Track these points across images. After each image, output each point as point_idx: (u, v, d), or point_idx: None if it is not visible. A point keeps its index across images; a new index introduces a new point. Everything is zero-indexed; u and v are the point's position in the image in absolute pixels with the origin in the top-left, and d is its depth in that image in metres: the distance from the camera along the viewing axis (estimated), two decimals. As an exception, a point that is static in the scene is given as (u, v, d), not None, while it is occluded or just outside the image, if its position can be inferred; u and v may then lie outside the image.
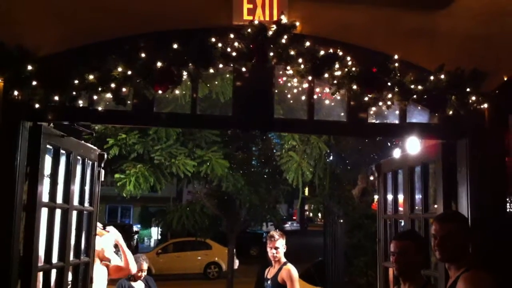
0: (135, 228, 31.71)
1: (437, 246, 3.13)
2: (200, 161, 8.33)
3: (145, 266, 6.54)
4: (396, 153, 5.34)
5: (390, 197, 4.91)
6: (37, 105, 3.51)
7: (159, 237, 29.04)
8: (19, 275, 3.51)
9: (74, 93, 3.56)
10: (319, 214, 10.09)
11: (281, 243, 6.04)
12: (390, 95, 3.75)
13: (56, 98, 3.54)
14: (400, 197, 4.70)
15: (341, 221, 8.83)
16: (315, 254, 13.74)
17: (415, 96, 3.76)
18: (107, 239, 5.67)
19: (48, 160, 3.91)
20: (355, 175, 9.22)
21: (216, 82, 5.13)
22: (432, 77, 3.82)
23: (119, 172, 8.35)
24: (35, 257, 3.62)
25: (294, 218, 46.05)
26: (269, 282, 6.10)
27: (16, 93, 3.48)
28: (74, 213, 4.29)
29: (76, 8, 3.64)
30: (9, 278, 3.42)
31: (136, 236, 29.39)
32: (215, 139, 8.61)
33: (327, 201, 9.52)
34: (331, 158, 9.16)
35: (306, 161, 8.02)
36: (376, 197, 7.98)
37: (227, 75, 4.17)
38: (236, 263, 16.91)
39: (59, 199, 4.04)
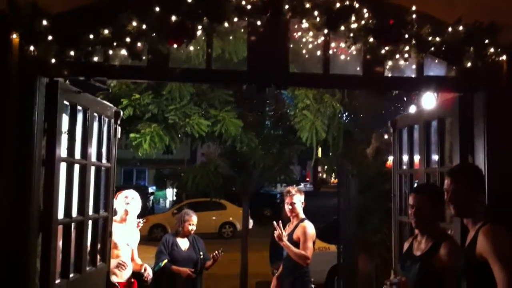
0: (150, 189, 32.15)
1: (449, 200, 3.14)
2: (214, 120, 8.33)
3: (194, 219, 6.31)
4: (412, 109, 5.30)
5: (405, 152, 4.90)
6: (53, 61, 3.52)
7: (174, 198, 29.41)
8: (39, 229, 3.59)
9: (89, 48, 3.57)
10: (333, 174, 10.05)
11: (298, 199, 5.96)
12: (407, 48, 3.71)
13: (72, 53, 3.55)
14: (416, 152, 4.69)
15: (355, 180, 8.82)
16: (328, 215, 13.83)
17: (432, 48, 3.72)
18: (135, 201, 5.68)
19: (65, 117, 3.95)
20: (369, 134, 9.18)
21: (230, 38, 5.10)
22: (449, 29, 3.76)
23: (134, 132, 8.39)
24: (55, 211, 3.69)
25: (307, 179, 46.30)
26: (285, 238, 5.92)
27: (31, 48, 3.49)
28: (92, 169, 4.35)
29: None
30: (30, 231, 3.50)
31: (151, 198, 29.81)
32: (229, 99, 8.59)
33: (340, 160, 9.49)
34: (344, 117, 9.12)
35: (320, 120, 7.99)
36: (390, 157, 7.96)
37: (241, 33, 4.13)
38: (251, 223, 17.13)
39: (77, 155, 4.09)
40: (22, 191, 3.48)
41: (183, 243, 6.27)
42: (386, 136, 8.67)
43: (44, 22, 3.44)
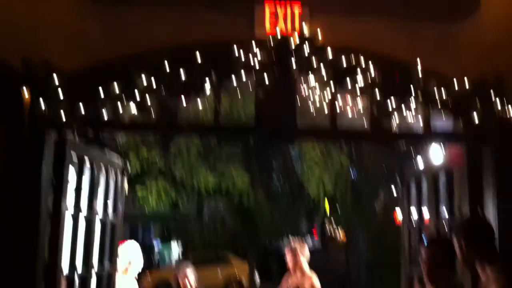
0: (156, 247, 31.80)
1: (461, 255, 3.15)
2: (221, 175, 8.38)
3: (189, 273, 5.76)
4: (419, 161, 5.29)
5: (413, 205, 4.87)
6: (63, 116, 3.58)
7: (180, 253, 29.03)
8: (44, 280, 3.57)
9: (99, 104, 3.63)
10: (340, 231, 9.96)
11: (300, 250, 5.90)
12: (413, 102, 3.75)
13: (82, 110, 3.62)
14: (424, 205, 4.66)
15: (364, 235, 8.73)
16: (338, 271, 13.61)
17: (439, 103, 3.76)
18: (135, 253, 5.62)
19: (72, 170, 3.97)
20: (377, 189, 9.16)
21: (238, 96, 5.19)
22: (455, 84, 3.81)
23: (141, 187, 8.43)
24: (59, 263, 3.67)
25: (315, 236, 45.60)
26: None
27: (42, 105, 3.56)
28: (98, 222, 4.33)
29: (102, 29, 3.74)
30: (35, 282, 3.48)
31: (157, 253, 29.44)
32: (236, 151, 8.67)
33: (349, 215, 9.43)
34: (352, 173, 9.13)
35: (328, 175, 8.00)
36: (399, 212, 7.90)
37: (248, 91, 4.21)
38: (257, 280, 16.82)
39: (84, 208, 4.09)
40: (28, 243, 3.48)
41: None
42: (394, 191, 8.64)
43: (56, 79, 3.51)
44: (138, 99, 3.61)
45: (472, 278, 3.66)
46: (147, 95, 3.64)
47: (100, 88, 3.62)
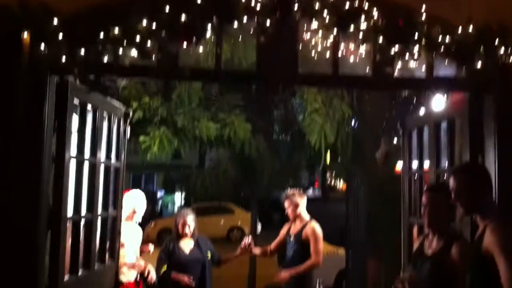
0: (159, 194, 32.22)
1: (455, 198, 3.15)
2: (223, 124, 8.37)
3: (189, 220, 5.91)
4: (421, 111, 5.28)
5: (414, 154, 4.89)
6: (63, 59, 3.55)
7: (183, 202, 29.44)
8: (48, 225, 3.61)
9: (99, 47, 3.60)
10: (341, 180, 10.00)
11: (297, 200, 6.00)
12: (416, 48, 3.71)
13: (82, 52, 3.59)
14: (425, 154, 4.68)
15: (364, 185, 8.78)
16: (338, 219, 13.82)
17: (442, 49, 3.72)
18: (141, 199, 5.71)
19: (75, 116, 3.98)
20: (378, 138, 9.15)
21: (239, 42, 5.12)
22: (459, 30, 3.76)
23: (143, 135, 8.43)
24: (64, 208, 3.72)
25: (316, 185, 46.14)
26: (291, 238, 6.00)
27: (42, 48, 3.53)
28: (102, 167, 4.38)
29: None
30: (39, 228, 3.51)
31: (160, 202, 29.87)
32: (238, 102, 8.63)
33: (349, 165, 9.47)
34: (353, 122, 9.10)
35: (329, 124, 7.98)
36: (399, 162, 7.93)
37: (250, 37, 4.15)
38: (259, 227, 17.12)
39: (87, 153, 4.12)
40: (32, 188, 3.50)
41: (187, 245, 5.98)
42: (395, 140, 8.64)
43: (55, 21, 3.47)
44: (138, 42, 3.57)
45: (471, 226, 3.72)
46: (147, 39, 3.59)
47: (100, 31, 3.57)
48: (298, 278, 5.84)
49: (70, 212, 3.88)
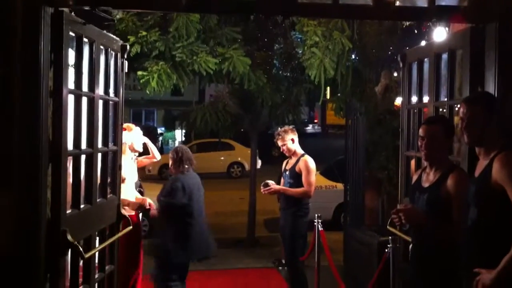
0: (160, 130, 32.37)
1: (465, 128, 3.11)
2: (221, 58, 8.27)
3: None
4: (422, 43, 5.23)
5: (414, 87, 4.86)
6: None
7: (183, 138, 29.61)
8: (49, 159, 3.62)
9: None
10: (341, 114, 9.99)
11: (288, 137, 6.26)
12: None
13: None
14: (425, 87, 4.65)
15: (363, 119, 8.80)
16: (336, 154, 13.93)
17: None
18: (136, 133, 5.86)
19: (71, 51, 3.91)
20: (378, 72, 9.08)
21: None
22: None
23: (141, 70, 8.36)
24: (64, 141, 3.72)
25: (316, 121, 46.26)
26: (287, 172, 6.38)
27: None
28: (100, 102, 4.36)
29: None
30: (40, 160, 3.51)
31: (160, 138, 30.04)
32: (236, 36, 8.50)
33: (349, 98, 9.43)
34: (353, 56, 8.99)
35: (329, 58, 7.88)
36: (398, 97, 7.92)
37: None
38: (259, 163, 17.30)
39: (85, 88, 4.09)
40: (30, 120, 3.47)
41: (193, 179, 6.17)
42: (395, 74, 8.59)
43: None
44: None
45: (468, 159, 3.75)
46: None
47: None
48: (294, 212, 6.22)
49: (70, 147, 3.89)
